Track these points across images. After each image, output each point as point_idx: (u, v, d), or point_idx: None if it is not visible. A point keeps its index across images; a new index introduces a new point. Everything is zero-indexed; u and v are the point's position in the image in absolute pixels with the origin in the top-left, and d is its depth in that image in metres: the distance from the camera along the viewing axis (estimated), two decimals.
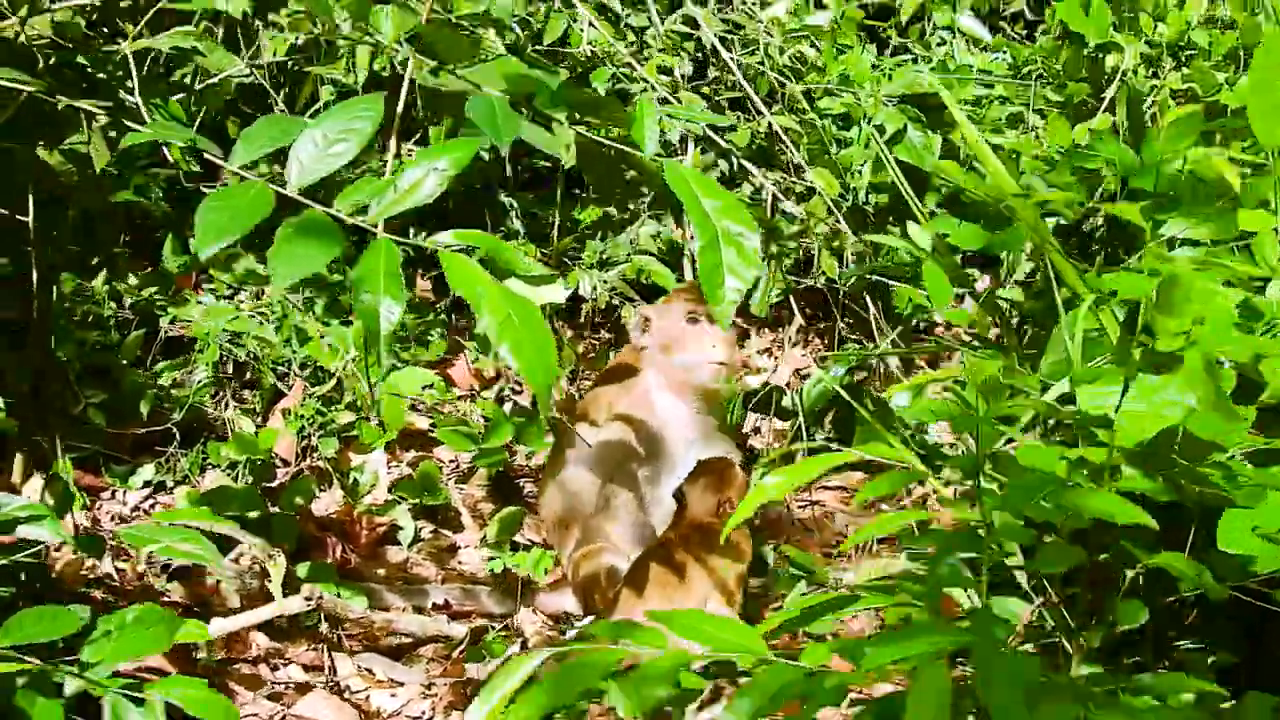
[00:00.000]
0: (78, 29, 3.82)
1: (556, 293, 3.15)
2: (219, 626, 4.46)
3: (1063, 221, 4.89)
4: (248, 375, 6.08)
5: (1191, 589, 2.72)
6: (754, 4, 6.39)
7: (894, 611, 3.84)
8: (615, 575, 4.78)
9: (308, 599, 4.55)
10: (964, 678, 2.68)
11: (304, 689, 4.43)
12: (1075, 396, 3.00)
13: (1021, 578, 3.20)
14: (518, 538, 5.34)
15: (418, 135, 6.23)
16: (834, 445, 5.71)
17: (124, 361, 5.77)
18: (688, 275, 6.29)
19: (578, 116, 3.44)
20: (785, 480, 2.68)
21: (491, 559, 5.22)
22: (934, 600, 2.60)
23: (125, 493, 5.48)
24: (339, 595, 4.72)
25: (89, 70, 3.65)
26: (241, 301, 6.14)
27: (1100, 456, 2.63)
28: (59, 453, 4.32)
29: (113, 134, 3.71)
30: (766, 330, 6.78)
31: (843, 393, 5.14)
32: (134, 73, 3.61)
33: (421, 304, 6.48)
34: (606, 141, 3.44)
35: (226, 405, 5.93)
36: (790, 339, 6.44)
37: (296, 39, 5.00)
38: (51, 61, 3.57)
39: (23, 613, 3.15)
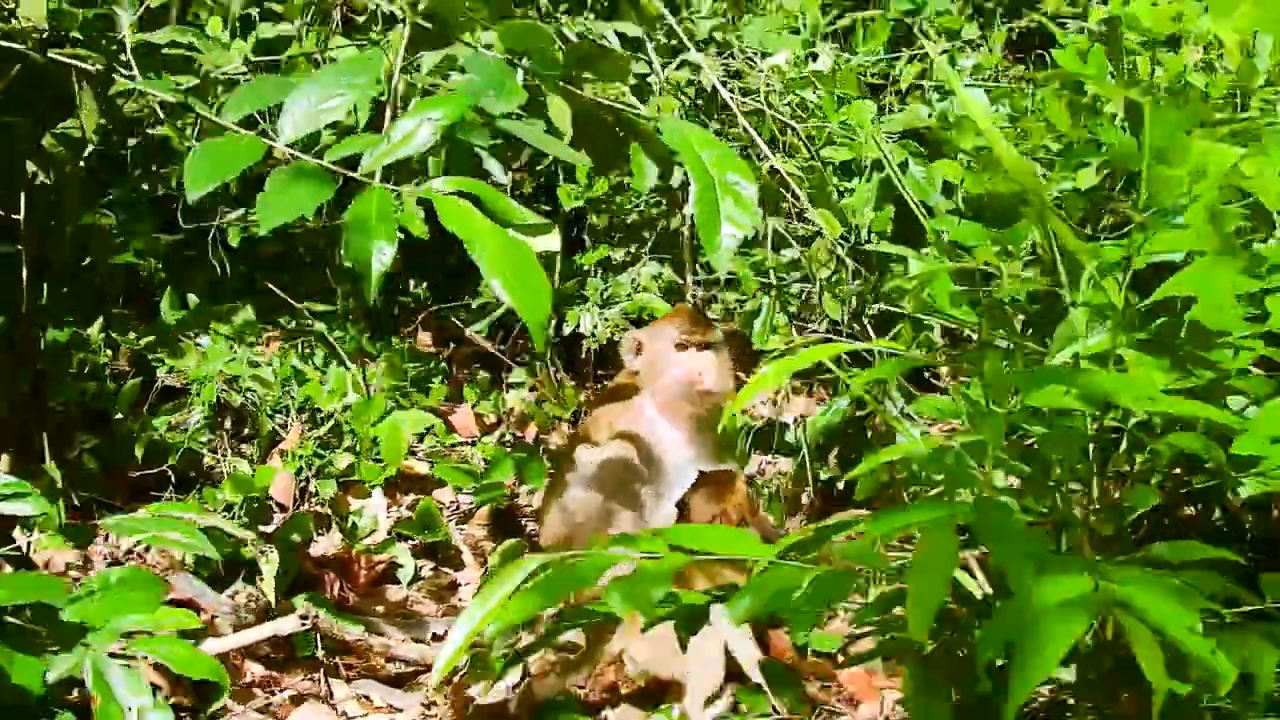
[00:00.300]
0: (73, 20, 3.81)
1: (552, 240, 3.09)
2: (213, 646, 4.33)
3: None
4: (245, 430, 6.02)
5: (1204, 482, 2.63)
6: (754, 53, 6.41)
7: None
8: None
9: (303, 618, 4.42)
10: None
11: (298, 700, 4.31)
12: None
13: None
14: None
15: None
16: (839, 482, 5.67)
17: (118, 415, 5.71)
18: None
19: (574, 74, 3.41)
20: (779, 368, 2.61)
21: None
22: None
23: (119, 537, 5.37)
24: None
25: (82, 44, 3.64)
26: (237, 351, 6.09)
27: (1104, 346, 2.56)
28: (46, 455, 4.25)
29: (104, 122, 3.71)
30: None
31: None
32: (129, 52, 3.59)
33: (423, 354, 6.44)
34: (605, 101, 3.41)
35: (225, 455, 5.85)
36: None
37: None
38: (44, 36, 3.55)
39: (3, 575, 3.07)
